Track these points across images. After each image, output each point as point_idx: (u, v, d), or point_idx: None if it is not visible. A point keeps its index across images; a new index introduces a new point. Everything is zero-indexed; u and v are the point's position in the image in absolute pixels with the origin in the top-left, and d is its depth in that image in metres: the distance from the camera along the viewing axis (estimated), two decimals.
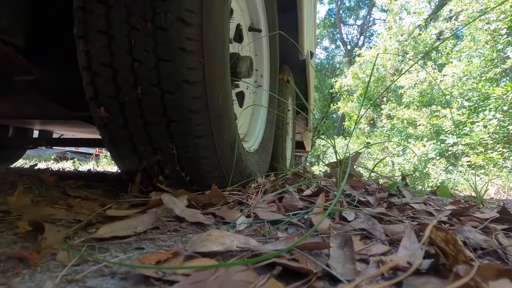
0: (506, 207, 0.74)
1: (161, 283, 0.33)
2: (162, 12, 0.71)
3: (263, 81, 1.65)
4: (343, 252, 0.40)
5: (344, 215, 0.63)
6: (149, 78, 0.74)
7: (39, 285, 0.32)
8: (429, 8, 10.89)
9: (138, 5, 0.72)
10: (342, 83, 11.55)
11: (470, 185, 1.76)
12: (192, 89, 0.77)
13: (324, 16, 20.34)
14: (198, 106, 0.79)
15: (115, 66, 0.74)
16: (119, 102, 0.76)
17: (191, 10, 0.73)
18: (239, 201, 0.81)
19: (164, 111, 0.76)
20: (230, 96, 0.96)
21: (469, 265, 0.32)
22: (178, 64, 0.74)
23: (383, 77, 10.05)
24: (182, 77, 0.74)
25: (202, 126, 0.81)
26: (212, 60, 0.80)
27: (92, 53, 0.75)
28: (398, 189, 1.02)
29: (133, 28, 0.72)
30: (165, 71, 0.74)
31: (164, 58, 0.73)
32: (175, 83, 0.74)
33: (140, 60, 0.73)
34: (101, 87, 0.77)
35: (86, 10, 0.73)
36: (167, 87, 0.75)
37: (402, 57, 9.52)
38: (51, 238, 0.43)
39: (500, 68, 5.75)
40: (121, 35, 0.73)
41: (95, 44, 0.74)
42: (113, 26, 0.72)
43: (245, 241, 0.42)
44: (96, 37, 0.73)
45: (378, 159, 7.67)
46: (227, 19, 0.90)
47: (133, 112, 0.77)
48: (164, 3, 0.71)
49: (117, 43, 0.73)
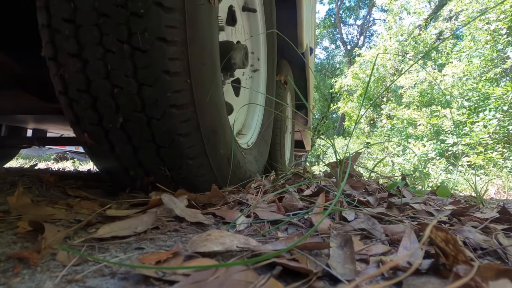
0: (506, 207, 0.74)
1: (161, 283, 0.33)
2: (138, 32, 0.63)
3: (260, 65, 1.52)
4: (343, 252, 0.40)
5: (344, 215, 0.63)
6: (132, 104, 0.68)
7: (39, 285, 0.32)
8: (429, 8, 10.89)
9: (110, 25, 0.63)
10: (342, 83, 11.55)
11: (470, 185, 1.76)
12: (181, 113, 0.71)
13: (324, 16, 20.35)
14: (188, 129, 0.73)
15: (93, 93, 0.68)
16: (103, 129, 0.71)
17: (172, 26, 0.65)
18: (239, 201, 0.81)
19: (152, 137, 0.72)
20: (224, 108, 0.90)
21: (469, 265, 0.32)
22: (163, 89, 0.67)
23: (383, 77, 10.05)
24: (168, 102, 0.68)
25: (195, 147, 0.77)
26: (200, 78, 0.74)
27: (67, 78, 0.68)
28: (398, 189, 1.02)
29: (108, 50, 0.64)
30: (149, 96, 0.67)
31: (146, 83, 0.66)
32: (161, 108, 0.68)
33: (120, 86, 0.66)
34: (81, 113, 0.71)
35: (52, 29, 0.65)
36: (153, 114, 0.69)
37: (402, 57, 9.52)
38: (51, 238, 0.43)
39: (500, 68, 5.75)
40: (95, 59, 0.65)
41: (68, 69, 0.67)
42: (86, 49, 0.65)
43: (245, 241, 0.42)
44: (68, 61, 0.66)
45: (378, 159, 7.67)
46: (215, 25, 0.82)
47: (119, 139, 0.72)
48: (140, 20, 0.63)
49: (92, 68, 0.66)
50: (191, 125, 0.74)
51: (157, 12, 0.63)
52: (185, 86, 0.70)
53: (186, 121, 0.72)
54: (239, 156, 1.06)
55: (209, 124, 0.80)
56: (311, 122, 3.78)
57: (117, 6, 0.62)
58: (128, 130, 0.71)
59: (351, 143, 9.84)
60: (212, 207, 0.73)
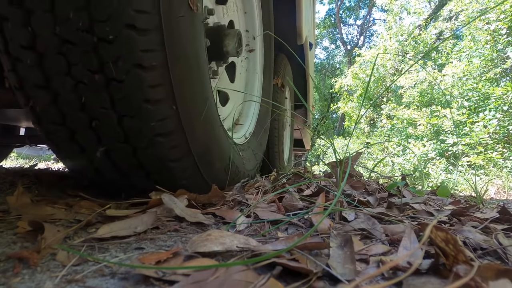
0: (506, 207, 0.74)
1: (161, 283, 0.33)
2: (110, 61, 0.56)
3: (256, 44, 1.38)
4: (343, 252, 0.40)
5: (344, 215, 0.63)
6: (114, 136, 0.63)
7: (39, 285, 0.32)
8: (429, 8, 10.89)
9: (76, 53, 0.56)
10: (342, 83, 11.55)
11: (470, 185, 1.76)
12: (169, 140, 0.66)
13: (324, 16, 20.36)
14: (179, 154, 0.70)
15: (70, 125, 0.63)
16: (87, 157, 0.68)
17: (149, 49, 0.58)
18: (239, 201, 0.81)
19: (141, 165, 0.68)
20: (217, 122, 0.85)
21: (469, 265, 0.32)
22: (146, 119, 0.61)
23: (383, 77, 10.05)
24: (153, 131, 0.63)
25: (188, 169, 0.74)
26: (188, 100, 0.68)
27: (38, 111, 0.62)
28: (398, 189, 1.02)
29: (79, 82, 0.58)
30: (132, 127, 0.62)
31: (127, 114, 0.61)
32: (146, 138, 0.64)
33: (97, 118, 0.61)
34: (61, 145, 0.67)
35: (12, 57, 0.58)
36: (138, 144, 0.65)
37: (402, 57, 9.52)
38: (51, 238, 0.43)
39: (500, 68, 5.75)
40: (66, 91, 0.59)
41: (38, 101, 0.61)
42: (53, 80, 0.58)
43: (245, 241, 0.42)
44: (36, 93, 0.60)
45: (378, 159, 7.67)
46: (200, 36, 0.73)
47: (106, 167, 0.69)
48: (111, 47, 0.55)
49: (64, 100, 0.60)
50: (182, 150, 0.70)
51: (129, 36, 0.55)
52: (171, 113, 0.64)
53: (176, 147, 0.68)
54: (238, 161, 1.03)
55: (202, 144, 0.76)
56: (310, 120, 3.67)
57: (82, 31, 0.55)
58: (113, 158, 0.68)
59: (351, 143, 9.84)
60: (212, 207, 0.73)
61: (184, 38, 0.66)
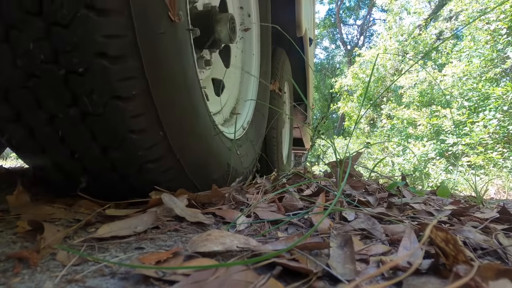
0: (506, 207, 0.74)
1: (161, 283, 0.33)
2: (84, 95, 0.51)
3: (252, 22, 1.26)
4: (343, 252, 0.40)
5: (344, 215, 0.63)
6: (101, 165, 0.60)
7: (38, 285, 0.32)
8: (429, 8, 10.89)
9: (44, 87, 0.51)
10: (342, 83, 11.55)
11: (470, 185, 1.76)
12: (159, 165, 0.63)
13: (324, 16, 20.35)
14: (172, 175, 0.68)
15: (52, 158, 0.60)
16: (72, 182, 0.66)
17: (126, 78, 0.52)
18: (239, 201, 0.81)
19: (133, 188, 0.66)
20: (212, 134, 0.81)
21: (469, 265, 0.32)
22: (132, 149, 0.57)
23: (383, 77, 10.05)
24: (142, 159, 0.60)
25: (183, 186, 0.72)
26: (177, 122, 0.64)
27: (15, 145, 0.60)
28: (398, 189, 1.02)
29: (53, 116, 0.54)
30: (118, 158, 0.59)
31: (111, 145, 0.57)
32: (135, 166, 0.61)
33: (80, 151, 0.58)
34: (47, 175, 0.65)
35: None
36: (127, 171, 0.62)
37: (402, 57, 9.52)
38: (51, 237, 0.43)
39: (500, 68, 5.76)
40: (40, 126, 0.55)
41: (12, 136, 0.58)
42: (24, 115, 0.54)
43: (245, 241, 0.42)
44: (8, 127, 0.57)
45: (378, 159, 7.67)
46: (187, 50, 0.67)
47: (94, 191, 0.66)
48: (82, 80, 0.50)
49: (41, 134, 0.56)
50: (174, 172, 0.67)
51: (101, 66, 0.49)
52: (158, 139, 0.61)
53: (168, 169, 0.66)
54: (236, 163, 1.00)
55: (196, 161, 0.73)
56: (310, 118, 3.51)
57: (46, 63, 0.49)
58: (102, 184, 0.65)
59: (351, 143, 9.84)
60: (212, 207, 0.73)
61: (168, 57, 0.60)
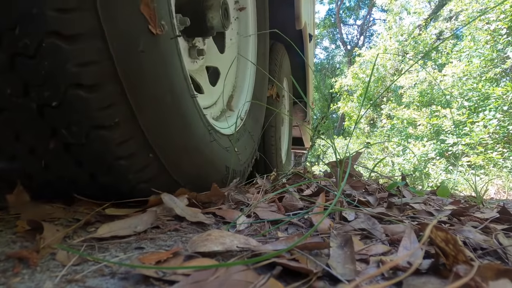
0: (506, 207, 0.74)
1: (161, 283, 0.33)
2: (62, 128, 0.48)
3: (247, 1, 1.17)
4: (343, 252, 0.40)
5: (344, 215, 0.63)
6: (90, 189, 0.59)
7: (38, 285, 0.32)
8: (429, 8, 10.89)
9: (17, 121, 0.48)
10: (342, 83, 11.55)
11: (470, 185, 1.76)
12: (153, 184, 0.63)
13: (324, 16, 20.35)
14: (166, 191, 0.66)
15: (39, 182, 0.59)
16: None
17: (106, 106, 0.48)
18: (239, 201, 0.81)
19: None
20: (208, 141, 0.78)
21: (469, 265, 0.32)
22: (121, 174, 0.56)
23: (383, 77, 10.05)
24: (133, 181, 0.59)
25: None
26: (168, 141, 0.62)
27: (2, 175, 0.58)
28: (398, 189, 1.02)
29: (33, 148, 0.51)
30: (107, 182, 0.58)
31: (99, 171, 0.56)
32: (127, 187, 0.60)
33: (68, 176, 0.57)
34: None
35: None
36: (118, 193, 0.62)
37: (402, 57, 9.52)
38: (50, 237, 0.43)
39: (500, 68, 5.76)
40: (23, 156, 0.53)
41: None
42: (3, 147, 0.53)
43: (245, 241, 0.42)
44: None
45: (378, 159, 7.67)
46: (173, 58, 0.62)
47: None
48: (58, 113, 0.46)
49: (25, 162, 0.54)
50: (171, 187, 0.66)
51: (77, 97, 0.45)
52: (149, 161, 0.58)
53: (163, 186, 0.64)
54: (234, 163, 0.98)
55: (193, 172, 0.71)
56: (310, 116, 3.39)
57: (17, 98, 0.45)
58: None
59: (351, 143, 9.84)
60: (213, 206, 0.73)
61: (152, 75, 0.55)
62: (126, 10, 0.48)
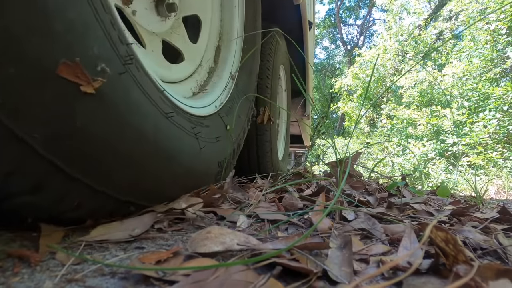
0: (506, 207, 0.74)
1: (161, 283, 0.33)
2: None
3: None
4: (341, 254, 0.40)
5: (344, 215, 0.63)
6: None
7: (38, 284, 0.32)
8: (429, 8, 10.89)
9: None
10: (342, 83, 11.54)
11: (470, 185, 1.76)
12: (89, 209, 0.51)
13: (324, 16, 20.34)
14: None
15: None
16: None
17: None
18: (239, 201, 0.81)
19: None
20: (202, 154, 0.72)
21: (469, 265, 0.32)
22: (28, 210, 0.45)
23: (383, 77, 10.05)
24: (53, 214, 0.47)
25: None
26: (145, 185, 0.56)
27: None
28: (398, 189, 1.02)
29: None
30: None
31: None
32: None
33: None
34: None
35: None
36: None
37: (402, 57, 9.52)
38: (50, 236, 0.43)
39: (500, 68, 5.76)
40: None
41: None
42: None
43: (245, 240, 0.42)
44: None
45: (378, 159, 7.67)
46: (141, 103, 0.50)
47: None
48: None
49: None
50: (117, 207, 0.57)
51: None
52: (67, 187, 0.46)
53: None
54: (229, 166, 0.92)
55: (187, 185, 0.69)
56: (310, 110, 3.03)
57: None
58: None
59: (351, 143, 9.84)
60: (213, 206, 0.73)
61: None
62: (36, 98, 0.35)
